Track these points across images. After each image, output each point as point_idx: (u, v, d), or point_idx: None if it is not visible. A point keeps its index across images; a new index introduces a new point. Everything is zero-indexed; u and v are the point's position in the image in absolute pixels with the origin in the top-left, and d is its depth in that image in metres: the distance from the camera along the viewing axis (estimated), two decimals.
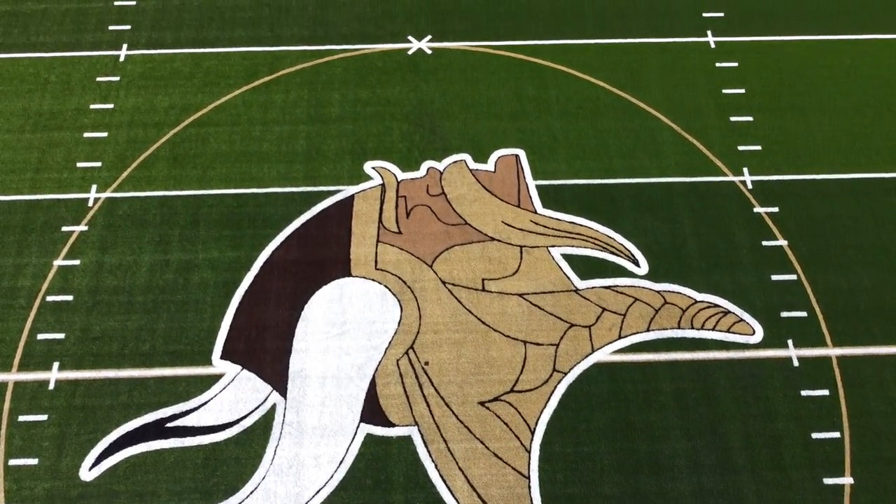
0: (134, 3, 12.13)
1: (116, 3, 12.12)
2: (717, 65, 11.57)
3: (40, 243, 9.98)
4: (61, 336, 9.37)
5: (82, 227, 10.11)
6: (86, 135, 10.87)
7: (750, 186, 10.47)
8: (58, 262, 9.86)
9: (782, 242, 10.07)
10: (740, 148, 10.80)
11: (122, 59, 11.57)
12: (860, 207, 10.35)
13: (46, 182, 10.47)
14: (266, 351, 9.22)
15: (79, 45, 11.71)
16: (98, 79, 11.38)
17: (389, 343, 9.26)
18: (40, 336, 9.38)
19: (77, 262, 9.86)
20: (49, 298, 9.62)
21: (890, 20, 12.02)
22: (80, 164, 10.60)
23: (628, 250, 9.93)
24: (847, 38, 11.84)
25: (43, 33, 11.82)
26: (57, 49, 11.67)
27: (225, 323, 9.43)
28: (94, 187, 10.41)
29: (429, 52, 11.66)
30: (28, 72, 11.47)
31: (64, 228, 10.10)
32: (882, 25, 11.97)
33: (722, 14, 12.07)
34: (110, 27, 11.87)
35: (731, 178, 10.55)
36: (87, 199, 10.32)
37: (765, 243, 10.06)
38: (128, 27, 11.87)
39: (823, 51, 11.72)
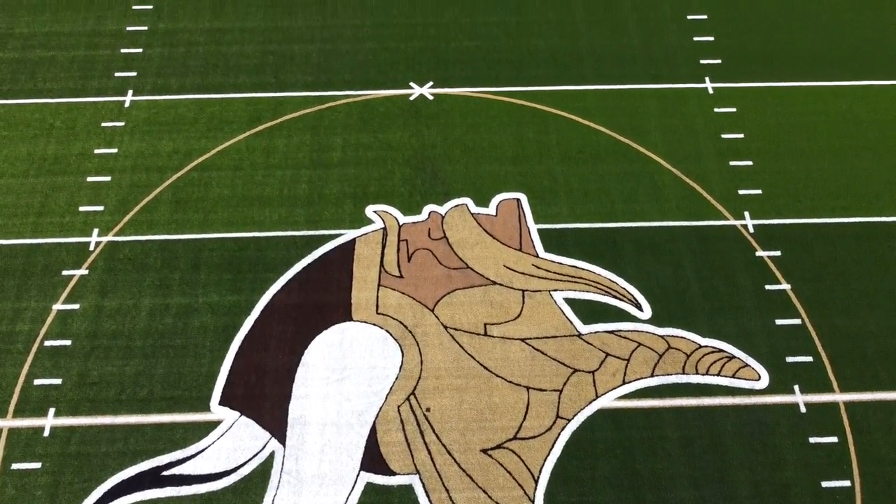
0: (140, 50, 12.33)
1: (123, 51, 12.32)
2: (716, 110, 11.69)
3: (40, 287, 9.94)
4: (58, 381, 9.25)
5: (83, 271, 10.08)
6: (89, 179, 10.93)
7: (751, 230, 10.47)
8: (57, 307, 9.80)
9: (785, 286, 10.01)
10: (741, 192, 10.83)
11: (127, 104, 11.71)
12: (863, 251, 10.32)
13: (48, 226, 10.48)
14: (265, 397, 9.09)
15: (85, 91, 11.86)
16: (103, 124, 11.49)
17: (390, 389, 9.13)
18: (37, 381, 9.26)
19: (76, 306, 9.80)
20: (47, 343, 9.53)
21: (883, 67, 12.19)
22: (82, 208, 10.63)
23: (631, 294, 9.87)
24: (843, 84, 11.98)
25: (50, 80, 11.99)
26: (63, 95, 11.81)
27: (224, 368, 9.32)
28: (95, 231, 10.42)
29: (430, 97, 11.80)
30: (34, 117, 11.59)
31: (64, 272, 10.06)
32: (876, 72, 12.13)
33: (719, 61, 12.25)
34: (116, 74, 12.04)
35: (732, 221, 10.55)
36: (88, 243, 10.31)
37: (768, 287, 10.00)
38: (134, 74, 12.04)
39: (820, 96, 11.86)
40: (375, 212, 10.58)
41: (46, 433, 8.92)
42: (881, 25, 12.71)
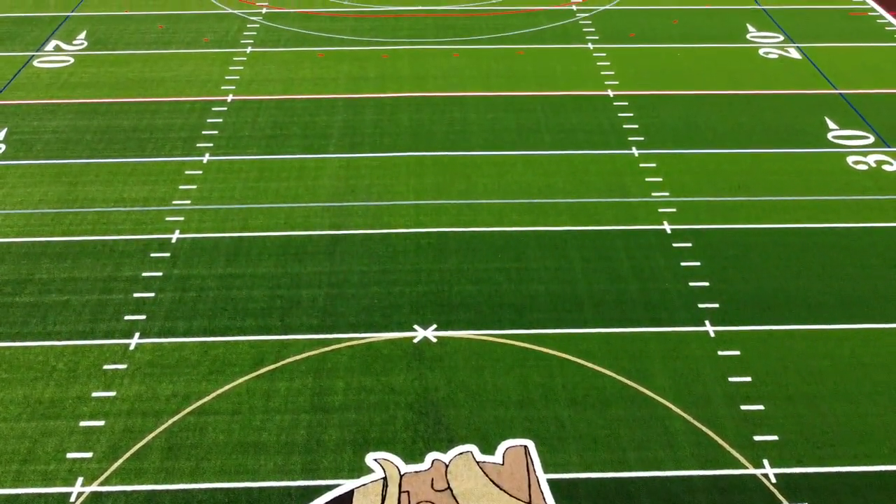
0: (152, 294, 12.70)
1: (136, 295, 12.68)
2: (720, 353, 11.69)
3: None
4: None
5: None
6: (82, 423, 10.60)
7: (773, 480, 9.89)
8: None
9: None
10: (756, 438, 10.42)
11: (132, 347, 11.77)
12: None
13: (31, 475, 9.94)
14: None
15: (92, 333, 11.99)
16: (105, 367, 11.44)
17: None
18: None
19: None
20: None
21: (879, 310, 12.43)
22: (69, 455, 10.16)
23: None
24: (843, 328, 12.12)
25: (60, 323, 12.19)
26: (71, 338, 11.93)
27: None
28: (80, 480, 9.86)
29: (434, 340, 11.89)
30: (37, 360, 11.57)
31: None
32: (873, 315, 12.34)
33: (717, 305, 12.53)
34: (126, 317, 12.27)
35: (752, 470, 10.01)
36: (69, 494, 9.70)
37: None
38: (143, 317, 12.27)
39: (823, 339, 11.93)
40: (376, 460, 10.09)
41: None
42: (869, 270, 13.20)
